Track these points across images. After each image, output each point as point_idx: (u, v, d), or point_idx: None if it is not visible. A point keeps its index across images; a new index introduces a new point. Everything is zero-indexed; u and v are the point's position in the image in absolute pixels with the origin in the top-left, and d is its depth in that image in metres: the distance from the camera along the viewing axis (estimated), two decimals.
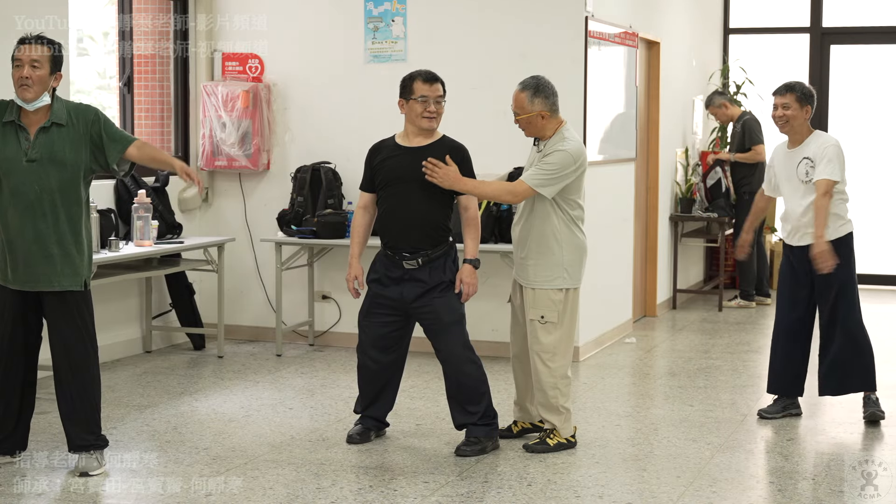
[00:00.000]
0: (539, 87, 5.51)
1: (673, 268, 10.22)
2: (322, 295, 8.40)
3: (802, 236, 6.14)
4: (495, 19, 7.88)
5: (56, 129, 5.10)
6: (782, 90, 6.20)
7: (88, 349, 5.25)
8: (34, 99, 5.05)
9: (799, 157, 6.13)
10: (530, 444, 5.65)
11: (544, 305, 5.55)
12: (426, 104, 5.53)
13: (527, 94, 5.50)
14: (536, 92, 5.50)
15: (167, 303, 8.21)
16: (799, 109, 6.14)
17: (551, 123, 5.54)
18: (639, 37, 8.91)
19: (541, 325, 5.55)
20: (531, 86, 5.52)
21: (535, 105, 5.49)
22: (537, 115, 5.50)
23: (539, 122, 5.52)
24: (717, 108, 10.39)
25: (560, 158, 5.45)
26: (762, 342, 8.80)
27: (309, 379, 7.29)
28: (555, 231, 5.53)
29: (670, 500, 4.96)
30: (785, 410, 6.35)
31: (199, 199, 8.47)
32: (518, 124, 5.59)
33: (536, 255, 5.56)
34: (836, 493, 5.10)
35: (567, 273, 5.56)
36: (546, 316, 5.55)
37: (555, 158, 5.45)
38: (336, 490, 5.05)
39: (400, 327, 5.69)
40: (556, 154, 5.46)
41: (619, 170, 8.69)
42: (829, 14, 11.52)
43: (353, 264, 5.73)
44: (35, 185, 5.05)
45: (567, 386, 5.63)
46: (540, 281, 5.56)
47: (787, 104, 6.14)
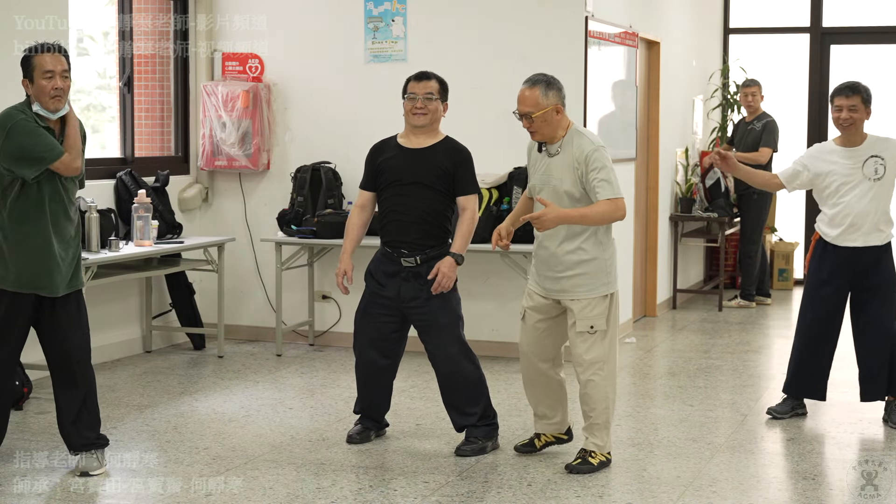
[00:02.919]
0: (551, 81, 5.22)
1: (673, 268, 10.22)
2: (322, 295, 8.41)
3: (868, 237, 6.05)
4: (495, 19, 7.88)
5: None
6: (848, 92, 6.06)
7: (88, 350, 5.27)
8: (61, 108, 5.10)
9: (864, 155, 6.04)
10: (573, 465, 5.33)
11: (593, 315, 5.29)
12: (414, 101, 5.55)
13: (539, 89, 5.18)
14: (549, 85, 5.19)
15: (167, 303, 8.22)
16: (865, 111, 6.07)
17: (564, 121, 5.25)
18: (639, 37, 8.91)
19: (591, 336, 5.29)
20: (542, 80, 5.21)
21: (549, 98, 5.17)
22: (552, 110, 5.17)
23: (555, 118, 5.19)
24: (754, 92, 10.20)
25: (602, 156, 5.13)
26: (762, 342, 8.81)
27: (309, 379, 7.30)
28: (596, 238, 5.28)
29: (670, 500, 4.96)
30: (793, 410, 6.35)
31: (200, 198, 8.47)
32: (530, 125, 5.21)
33: (577, 265, 5.27)
34: (836, 493, 5.10)
35: (608, 278, 5.32)
36: (595, 325, 5.28)
37: (600, 160, 5.12)
38: (336, 490, 5.05)
39: (396, 329, 5.68)
40: (595, 155, 5.13)
41: (620, 170, 8.56)
42: (829, 14, 11.53)
43: (344, 259, 5.72)
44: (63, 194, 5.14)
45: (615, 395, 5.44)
46: (584, 291, 5.28)
47: (855, 106, 6.03)
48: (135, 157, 8.08)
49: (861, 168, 6.05)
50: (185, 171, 8.51)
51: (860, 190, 6.04)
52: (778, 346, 8.61)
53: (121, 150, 8.06)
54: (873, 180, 6.03)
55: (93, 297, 7.30)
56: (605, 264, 5.30)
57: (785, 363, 6.67)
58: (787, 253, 11.31)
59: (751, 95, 10.22)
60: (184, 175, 8.47)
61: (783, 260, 11.32)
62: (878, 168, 6.03)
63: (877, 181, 6.03)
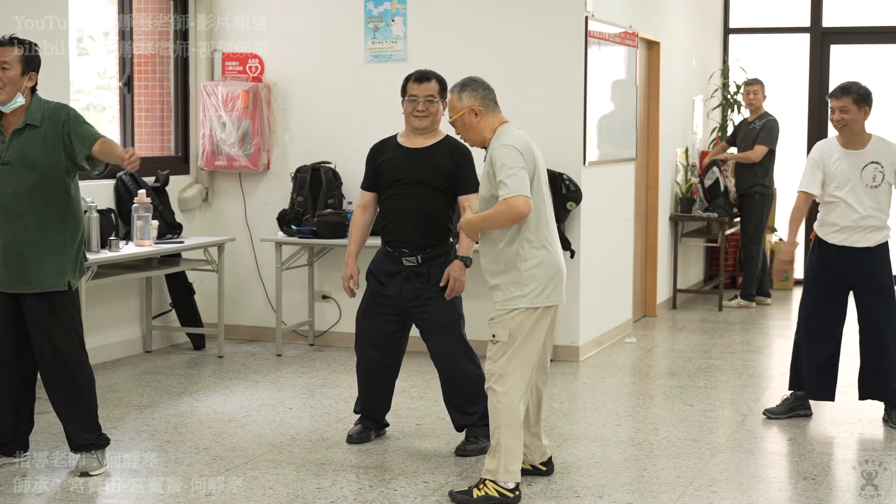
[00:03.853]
0: (467, 83, 4.90)
1: (673, 268, 10.22)
2: (322, 295, 8.40)
3: (860, 238, 6.06)
4: (495, 19, 7.88)
5: (29, 131, 5.06)
6: (838, 93, 6.07)
7: (78, 349, 5.21)
8: (7, 101, 5.04)
9: (864, 160, 6.05)
10: (455, 491, 4.91)
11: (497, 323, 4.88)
12: (415, 104, 5.55)
13: (455, 92, 4.90)
14: (464, 87, 4.88)
15: (167, 303, 8.21)
16: (857, 112, 6.04)
17: (487, 122, 4.88)
18: (639, 37, 8.91)
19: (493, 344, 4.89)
20: (459, 83, 4.92)
21: (463, 101, 4.86)
22: (468, 112, 4.85)
23: (472, 120, 4.86)
24: (756, 91, 10.20)
25: (502, 154, 4.72)
26: (762, 342, 8.81)
27: (309, 379, 7.30)
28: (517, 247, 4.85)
29: (670, 500, 4.96)
30: (792, 411, 6.34)
31: (200, 198, 8.47)
32: (458, 132, 5.00)
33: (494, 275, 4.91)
34: (836, 493, 5.10)
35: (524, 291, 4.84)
36: (497, 335, 4.86)
37: (499, 158, 4.72)
38: (336, 490, 5.05)
39: (397, 328, 5.69)
40: (495, 154, 4.76)
41: (619, 170, 8.69)
42: (829, 14, 11.52)
43: (350, 263, 5.74)
44: (8, 188, 5.04)
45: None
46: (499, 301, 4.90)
47: (845, 107, 6.03)
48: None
49: (860, 173, 6.04)
50: (185, 171, 8.52)
51: (857, 194, 6.05)
52: (778, 346, 8.61)
53: None
54: (870, 187, 6.04)
55: (93, 297, 7.31)
56: (520, 276, 4.81)
57: (785, 363, 6.68)
58: None
59: (752, 94, 10.22)
60: (184, 175, 8.47)
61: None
62: (877, 175, 6.03)
63: (874, 188, 6.03)
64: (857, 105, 6.05)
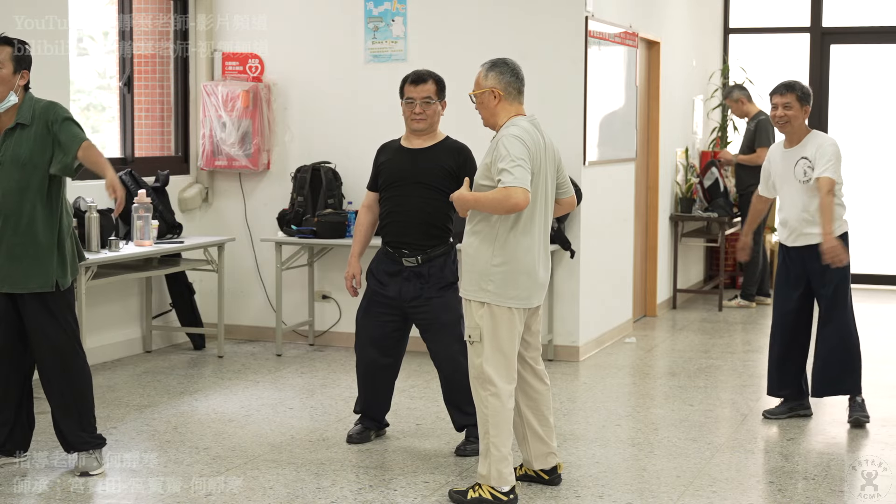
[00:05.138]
0: (497, 63, 4.90)
1: (673, 268, 10.23)
2: (322, 295, 8.41)
3: (799, 237, 6.13)
4: (495, 19, 7.88)
5: (21, 131, 5.05)
6: (782, 90, 6.17)
7: (75, 348, 5.19)
8: (0, 100, 5.04)
9: (796, 157, 6.12)
10: (452, 491, 4.93)
11: (470, 321, 4.84)
12: (412, 106, 5.55)
13: (483, 69, 4.91)
14: (492, 67, 4.88)
15: (167, 303, 8.22)
16: (799, 109, 6.13)
17: (505, 109, 4.87)
18: (639, 37, 8.91)
19: (470, 345, 4.85)
20: (489, 62, 4.92)
21: (488, 80, 4.86)
22: (489, 93, 4.84)
23: (491, 101, 4.85)
24: (735, 101, 10.25)
25: (508, 143, 4.68)
26: (762, 342, 8.80)
27: (309, 379, 7.30)
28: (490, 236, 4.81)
29: (670, 500, 4.96)
30: (792, 412, 6.34)
31: (200, 198, 8.48)
32: (476, 108, 4.96)
33: (465, 257, 4.87)
34: (836, 493, 5.10)
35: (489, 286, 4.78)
36: (472, 336, 4.83)
37: (504, 147, 4.68)
38: (336, 490, 5.05)
39: (398, 328, 5.69)
40: (500, 142, 4.71)
41: (619, 170, 8.69)
42: (829, 14, 11.52)
43: (353, 263, 5.75)
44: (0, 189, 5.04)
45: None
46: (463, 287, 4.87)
47: (789, 104, 6.12)
48: (135, 157, 8.09)
49: (793, 170, 6.11)
50: (186, 171, 8.52)
51: (792, 191, 6.13)
52: None
53: (121, 150, 8.06)
54: (802, 182, 6.07)
55: (93, 297, 7.31)
56: (488, 270, 4.75)
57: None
58: None
59: (733, 104, 10.33)
60: (184, 175, 8.47)
61: None
62: (807, 170, 6.07)
63: (805, 183, 6.06)
64: (800, 102, 6.13)
